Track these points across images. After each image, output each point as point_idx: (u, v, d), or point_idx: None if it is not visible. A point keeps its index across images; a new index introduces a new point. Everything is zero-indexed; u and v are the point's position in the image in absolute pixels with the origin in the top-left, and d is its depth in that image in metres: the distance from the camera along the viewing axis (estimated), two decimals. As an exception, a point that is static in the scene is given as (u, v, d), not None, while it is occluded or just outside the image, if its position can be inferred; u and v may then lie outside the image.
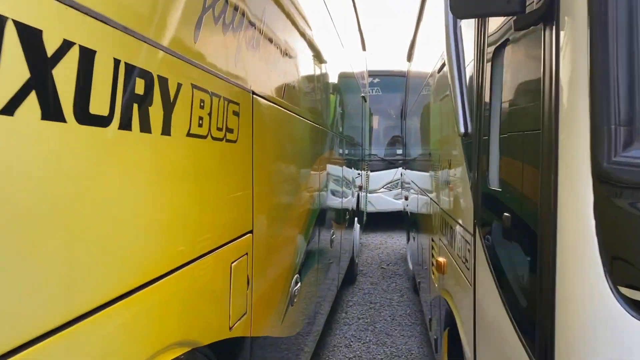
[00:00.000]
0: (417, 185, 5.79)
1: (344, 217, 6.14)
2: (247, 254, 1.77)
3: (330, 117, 4.56)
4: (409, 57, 9.02)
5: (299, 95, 2.87)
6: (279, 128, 2.35)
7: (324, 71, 3.94)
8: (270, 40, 2.11)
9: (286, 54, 2.47)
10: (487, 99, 1.84)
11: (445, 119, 3.06)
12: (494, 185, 1.73)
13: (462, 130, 2.15)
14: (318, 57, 3.61)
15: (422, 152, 5.18)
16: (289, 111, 2.54)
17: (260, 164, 1.93)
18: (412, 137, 7.44)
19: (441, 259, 3.01)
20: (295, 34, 2.75)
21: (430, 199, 3.95)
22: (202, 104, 1.34)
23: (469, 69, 2.33)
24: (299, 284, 2.80)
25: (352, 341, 5.40)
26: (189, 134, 1.27)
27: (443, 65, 3.18)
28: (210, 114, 1.40)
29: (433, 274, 3.73)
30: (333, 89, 4.71)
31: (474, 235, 1.99)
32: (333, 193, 4.80)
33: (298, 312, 2.92)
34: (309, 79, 3.27)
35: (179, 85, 1.20)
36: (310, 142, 3.37)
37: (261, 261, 1.97)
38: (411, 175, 7.08)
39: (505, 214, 1.52)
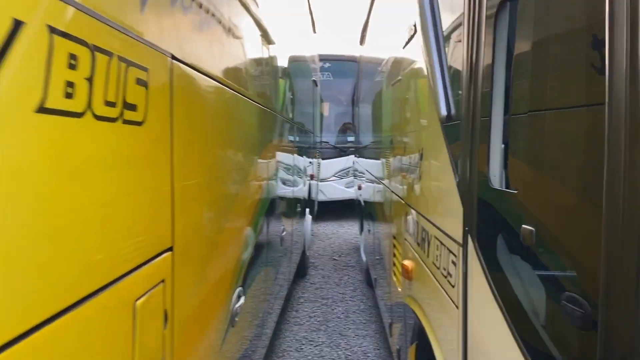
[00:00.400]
0: (373, 175, 5.39)
1: (295, 209, 5.69)
2: (164, 281, 1.28)
3: (279, 101, 4.08)
4: (362, 41, 8.61)
5: (242, 72, 2.38)
6: (215, 108, 1.85)
7: (272, 49, 3.45)
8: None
9: (229, 22, 1.98)
10: (485, 70, 1.41)
11: (415, 100, 2.64)
12: (500, 183, 1.30)
13: (443, 112, 1.73)
14: (265, 34, 3.13)
15: (380, 139, 4.77)
16: (231, 89, 2.05)
17: (184, 153, 1.43)
18: (365, 123, 7.04)
19: (408, 264, 2.60)
20: (240, 3, 2.26)
21: (391, 191, 3.54)
22: (73, 63, 0.84)
23: (451, 38, 1.90)
24: (242, 299, 2.32)
25: (303, 343, 4.97)
26: (42, 110, 0.76)
27: (409, 40, 2.75)
28: (90, 80, 0.89)
29: (395, 275, 3.33)
30: (282, 69, 4.24)
31: (463, 246, 1.57)
32: (284, 184, 4.33)
33: (242, 330, 2.45)
34: (255, 55, 2.78)
35: (17, 25, 0.70)
36: (257, 127, 2.89)
37: (187, 285, 1.48)
38: (366, 163, 6.69)
39: (525, 226, 1.09)
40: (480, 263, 1.39)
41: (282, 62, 4.24)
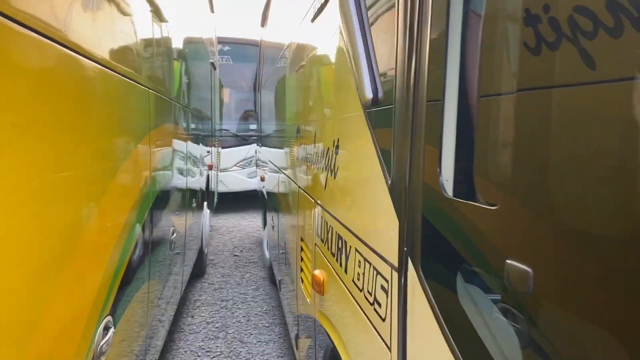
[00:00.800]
0: (278, 166, 4.96)
1: (190, 204, 5.12)
2: None
3: (169, 83, 3.52)
4: (263, 22, 8.13)
5: (115, 43, 1.88)
6: (59, 80, 1.32)
7: (162, 25, 2.95)
8: None
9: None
10: (436, 38, 1.03)
11: (328, 81, 2.24)
12: (462, 193, 0.93)
13: (369, 94, 1.35)
14: (154, 6, 2.62)
15: (286, 127, 4.35)
16: (94, 62, 1.54)
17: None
18: (269, 110, 6.58)
19: (320, 275, 2.21)
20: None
21: (299, 186, 3.14)
22: None
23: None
24: (111, 330, 1.81)
25: (199, 355, 4.47)
26: None
27: (320, 10, 2.34)
28: None
29: (303, 283, 2.94)
30: (173, 48, 3.70)
31: (400, 271, 1.18)
32: (175, 177, 3.78)
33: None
34: (137, 27, 2.29)
35: None
36: (137, 111, 2.36)
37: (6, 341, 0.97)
38: (269, 153, 6.24)
39: (513, 262, 0.72)
40: (428, 299, 1.02)
41: (174, 40, 3.70)
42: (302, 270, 2.98)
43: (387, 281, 1.28)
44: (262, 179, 7.45)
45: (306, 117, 2.86)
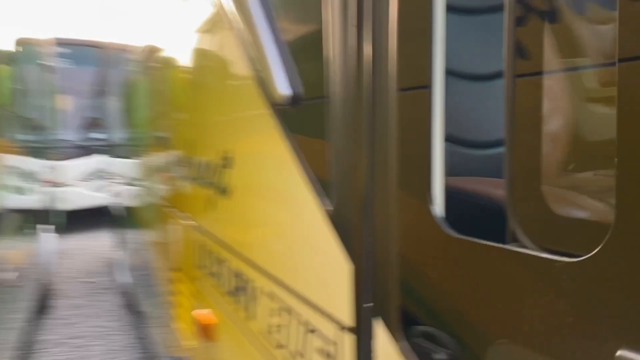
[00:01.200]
0: (137, 181, 4.35)
1: (25, 228, 4.31)
2: None
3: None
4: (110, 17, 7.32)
5: None
6: None
7: None
8: None
9: None
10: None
11: (212, 78, 1.82)
12: (475, 226, 0.61)
13: (284, 90, 1.01)
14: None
15: (149, 135, 3.78)
16: None
17: None
18: (124, 117, 5.86)
19: (207, 317, 1.78)
20: None
21: (170, 206, 2.65)
22: None
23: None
24: None
25: (49, 412, 3.72)
26: None
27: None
28: None
29: (179, 320, 2.47)
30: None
31: (359, 334, 0.84)
32: (1, 198, 3.06)
33: None
34: None
35: None
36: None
37: None
38: (125, 165, 5.53)
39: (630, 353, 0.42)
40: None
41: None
42: (176, 306, 2.51)
43: (333, 344, 0.93)
44: (115, 194, 6.66)
45: (177, 122, 2.39)
